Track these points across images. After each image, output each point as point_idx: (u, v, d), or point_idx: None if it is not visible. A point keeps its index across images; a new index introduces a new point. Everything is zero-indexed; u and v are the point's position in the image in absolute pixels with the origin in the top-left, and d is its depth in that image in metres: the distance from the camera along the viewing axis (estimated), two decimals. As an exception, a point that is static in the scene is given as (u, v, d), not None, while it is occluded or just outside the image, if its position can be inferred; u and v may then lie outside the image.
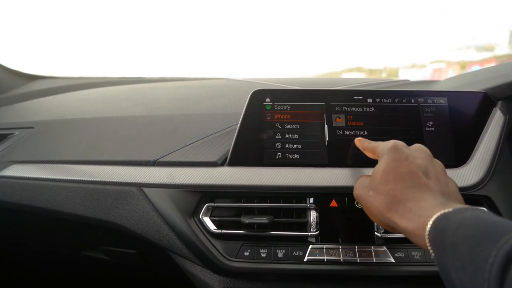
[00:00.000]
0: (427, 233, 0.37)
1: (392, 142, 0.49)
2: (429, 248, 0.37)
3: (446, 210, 0.37)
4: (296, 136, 0.63)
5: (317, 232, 0.58)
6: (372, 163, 0.57)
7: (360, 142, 0.57)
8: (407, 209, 0.41)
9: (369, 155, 0.54)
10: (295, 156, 0.62)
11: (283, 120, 0.63)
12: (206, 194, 0.61)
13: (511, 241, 0.29)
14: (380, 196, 0.45)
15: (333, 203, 0.60)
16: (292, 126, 0.63)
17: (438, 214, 0.37)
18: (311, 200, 0.60)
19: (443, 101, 0.64)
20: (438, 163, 0.48)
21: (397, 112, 0.63)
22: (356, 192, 0.50)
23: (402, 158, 0.45)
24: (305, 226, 0.59)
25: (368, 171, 0.59)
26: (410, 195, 0.42)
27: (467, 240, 0.33)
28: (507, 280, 0.28)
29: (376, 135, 0.62)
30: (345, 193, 0.60)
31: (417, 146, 0.49)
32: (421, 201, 0.41)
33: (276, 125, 0.63)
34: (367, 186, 0.48)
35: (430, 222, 0.37)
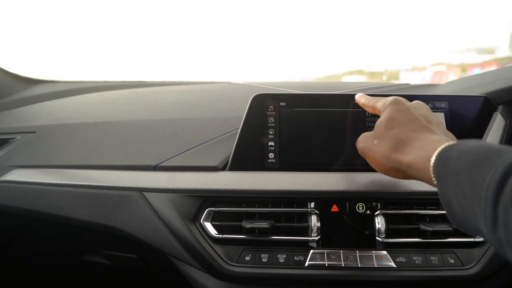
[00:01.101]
0: (431, 164, 0.38)
1: (393, 97, 0.51)
2: (433, 179, 0.38)
3: (451, 142, 0.39)
4: (297, 140, 0.63)
5: (318, 236, 0.58)
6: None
7: (361, 98, 0.58)
8: (412, 147, 0.43)
9: (369, 110, 0.56)
10: (296, 160, 0.62)
11: (284, 125, 0.63)
12: (207, 199, 0.61)
13: (508, 160, 0.30)
14: (385, 141, 0.46)
15: (334, 208, 0.60)
16: (293, 131, 0.63)
17: (443, 146, 0.38)
18: (312, 204, 0.60)
19: (443, 105, 0.64)
20: (437, 117, 0.50)
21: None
22: (360, 145, 0.52)
23: (404, 109, 0.48)
24: (306, 230, 0.59)
25: (369, 175, 0.59)
26: (415, 136, 0.44)
27: (468, 166, 0.33)
28: (503, 195, 0.29)
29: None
30: (346, 198, 0.60)
31: (417, 101, 0.52)
32: (426, 139, 0.43)
33: (277, 129, 0.63)
34: (371, 137, 0.50)
35: (435, 154, 0.38)
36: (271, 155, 0.62)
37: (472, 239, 0.58)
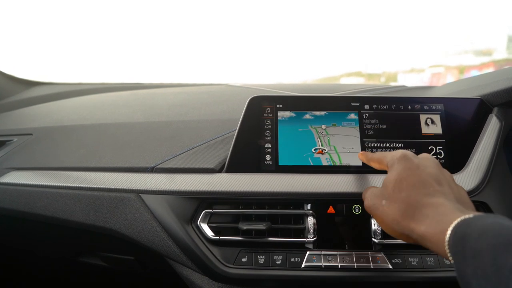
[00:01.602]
0: (447, 239, 0.36)
1: (400, 151, 0.48)
2: (448, 254, 0.36)
3: (466, 216, 0.36)
4: (293, 142, 0.63)
5: (315, 238, 0.58)
6: (370, 169, 0.57)
7: (364, 156, 0.57)
8: (424, 215, 0.40)
9: (375, 166, 0.54)
10: (293, 162, 0.62)
11: (280, 127, 0.64)
12: (204, 200, 0.61)
13: None
14: (394, 204, 0.44)
15: (331, 209, 0.60)
16: (289, 133, 0.63)
17: (458, 220, 0.36)
18: (309, 206, 0.60)
19: (439, 107, 0.64)
20: (447, 172, 0.48)
21: (394, 118, 0.64)
22: (368, 203, 0.49)
23: (413, 167, 0.45)
24: (302, 232, 0.59)
25: (365, 177, 0.60)
26: (426, 201, 0.41)
27: (491, 248, 0.31)
28: None
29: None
30: (342, 199, 0.60)
31: (425, 155, 0.49)
32: (438, 207, 0.40)
33: (274, 131, 0.63)
34: (379, 196, 0.47)
35: (450, 228, 0.36)
36: (268, 157, 0.63)
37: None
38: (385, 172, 0.49)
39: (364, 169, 0.60)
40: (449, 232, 0.36)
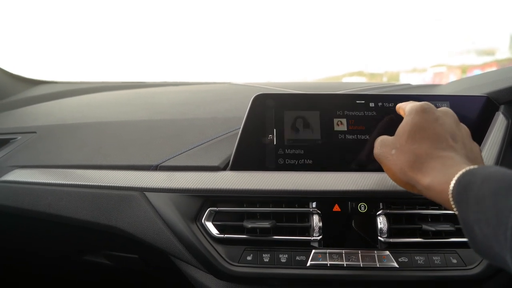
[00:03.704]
0: (451, 188, 0.37)
1: (422, 102, 0.48)
2: (452, 203, 0.37)
3: (472, 167, 0.37)
4: (298, 140, 0.63)
5: (320, 236, 0.58)
6: (375, 167, 0.57)
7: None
8: (431, 167, 0.41)
9: (401, 113, 0.53)
10: (298, 160, 0.62)
11: (285, 125, 0.63)
12: (208, 198, 0.61)
13: None
14: (404, 154, 0.44)
15: (336, 208, 0.59)
16: (294, 130, 0.63)
17: (464, 170, 0.37)
18: (314, 204, 0.59)
19: (445, 105, 0.64)
20: (464, 128, 0.48)
21: (400, 116, 0.63)
22: (377, 151, 0.49)
23: (431, 120, 0.45)
24: (307, 230, 0.59)
25: (371, 175, 0.59)
26: (436, 154, 0.42)
27: (492, 193, 0.32)
28: None
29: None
30: (348, 198, 0.59)
31: (445, 109, 0.49)
32: (447, 160, 0.41)
33: (278, 129, 0.63)
34: (389, 145, 0.47)
35: (455, 178, 0.37)
36: (272, 154, 0.62)
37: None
38: None
39: (371, 168, 0.60)
40: (453, 181, 0.37)
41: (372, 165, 0.59)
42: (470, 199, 0.34)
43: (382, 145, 0.49)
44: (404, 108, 0.51)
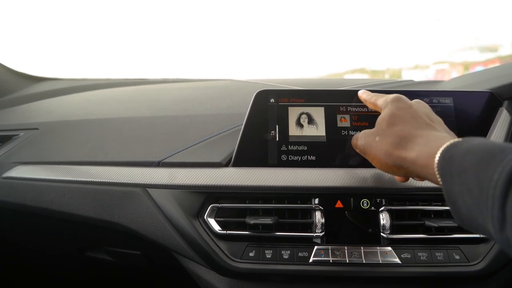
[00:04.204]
0: (436, 161, 0.38)
1: (395, 94, 0.51)
2: (437, 176, 0.37)
3: (456, 140, 0.38)
4: (301, 136, 0.62)
5: (323, 233, 0.58)
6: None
7: (363, 94, 0.58)
8: (416, 143, 0.42)
9: (371, 106, 0.56)
10: (300, 156, 0.62)
11: (287, 121, 0.63)
12: (210, 195, 0.61)
13: None
14: (388, 138, 0.46)
15: (338, 204, 0.59)
16: (296, 127, 0.63)
17: (448, 143, 0.38)
18: (316, 200, 0.59)
19: (448, 101, 0.64)
20: (438, 118, 0.50)
21: None
22: (361, 142, 0.51)
23: (406, 107, 0.48)
24: (310, 227, 0.59)
25: (373, 171, 0.59)
26: (418, 132, 0.44)
27: (474, 164, 0.33)
28: (511, 194, 0.28)
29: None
30: (350, 194, 0.59)
31: (418, 100, 0.52)
32: (430, 136, 0.42)
33: (280, 125, 0.63)
34: (372, 134, 0.49)
35: (440, 151, 0.38)
36: (275, 151, 0.62)
37: (477, 235, 0.57)
38: None
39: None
40: (438, 154, 0.38)
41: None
42: (453, 171, 0.35)
43: (365, 135, 0.51)
44: (376, 102, 0.53)
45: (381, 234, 0.58)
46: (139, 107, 0.84)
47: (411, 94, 0.64)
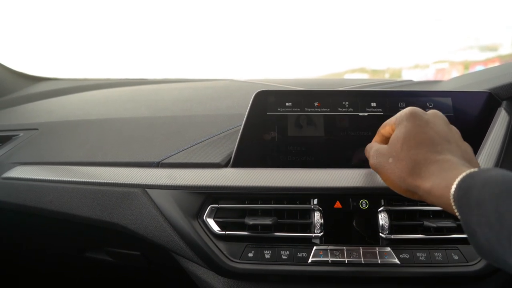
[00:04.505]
0: (452, 192, 0.37)
1: (409, 108, 0.48)
2: (454, 207, 0.37)
3: (472, 170, 0.37)
4: (300, 137, 0.62)
5: (321, 233, 0.58)
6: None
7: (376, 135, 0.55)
8: (431, 172, 0.41)
9: (385, 131, 0.52)
10: (299, 157, 0.62)
11: (286, 121, 0.63)
12: (209, 195, 0.61)
13: None
14: (401, 162, 0.44)
15: (337, 204, 0.59)
16: (296, 127, 0.63)
17: (464, 174, 0.37)
18: (315, 201, 0.59)
19: (447, 101, 0.64)
20: (455, 130, 0.48)
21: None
22: (374, 161, 0.49)
23: (423, 124, 0.45)
24: (309, 227, 0.59)
25: (372, 172, 0.59)
26: (433, 158, 0.42)
27: (493, 196, 0.32)
28: None
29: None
30: (349, 194, 0.59)
31: (434, 112, 0.49)
32: (444, 163, 0.41)
33: (279, 126, 0.63)
34: (386, 154, 0.47)
35: (456, 182, 0.37)
36: (274, 151, 0.62)
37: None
38: None
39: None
40: (454, 185, 0.37)
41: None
42: (471, 202, 0.34)
43: (378, 154, 0.48)
44: (391, 120, 0.50)
45: (380, 234, 0.58)
46: (138, 107, 0.84)
47: (410, 94, 0.64)
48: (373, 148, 0.50)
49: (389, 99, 0.64)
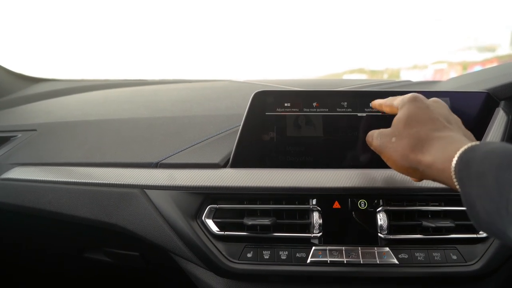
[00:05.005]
0: (453, 165, 0.37)
1: (411, 94, 0.49)
2: (455, 181, 0.37)
3: (473, 143, 0.37)
4: (298, 137, 0.62)
5: (320, 233, 0.58)
6: (375, 164, 0.57)
7: (376, 101, 0.57)
8: (433, 146, 0.42)
9: (387, 110, 0.54)
10: (298, 157, 0.62)
11: (285, 122, 0.63)
12: (208, 196, 0.61)
13: None
14: (404, 139, 0.45)
15: (336, 205, 0.59)
16: (294, 128, 0.63)
17: (465, 147, 0.37)
18: (314, 201, 0.59)
19: (445, 101, 0.64)
20: (456, 117, 0.49)
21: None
22: (377, 142, 0.50)
23: (423, 107, 0.46)
24: (308, 227, 0.59)
25: (371, 172, 0.59)
26: (435, 135, 0.43)
27: (493, 168, 0.32)
28: None
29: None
30: (348, 194, 0.59)
31: (436, 99, 0.50)
32: (447, 138, 0.42)
33: (278, 126, 0.63)
34: (388, 134, 0.48)
35: (457, 154, 0.37)
36: (273, 152, 0.62)
37: (475, 235, 0.57)
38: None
39: (371, 165, 0.60)
40: (455, 158, 0.37)
41: (373, 162, 0.59)
42: (471, 175, 0.34)
43: (381, 135, 0.49)
44: (393, 102, 0.52)
45: (379, 234, 0.58)
46: (137, 108, 0.84)
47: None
48: (376, 132, 0.51)
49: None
